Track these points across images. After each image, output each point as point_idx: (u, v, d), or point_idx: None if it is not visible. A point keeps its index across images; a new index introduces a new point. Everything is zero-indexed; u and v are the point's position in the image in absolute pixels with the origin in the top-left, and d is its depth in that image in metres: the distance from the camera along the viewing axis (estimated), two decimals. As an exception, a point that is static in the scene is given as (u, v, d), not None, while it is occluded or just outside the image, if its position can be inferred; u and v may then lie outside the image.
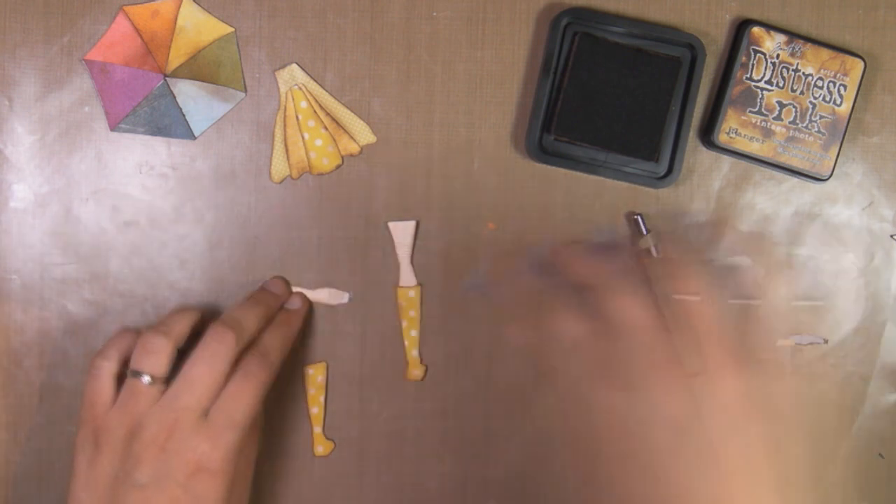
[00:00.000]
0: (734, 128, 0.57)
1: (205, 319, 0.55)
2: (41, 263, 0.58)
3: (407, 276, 0.59)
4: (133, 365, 0.51)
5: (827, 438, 0.60)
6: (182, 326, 0.53)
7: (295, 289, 0.58)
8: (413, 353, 0.59)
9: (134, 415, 0.50)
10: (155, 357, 0.51)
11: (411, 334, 0.59)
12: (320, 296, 0.58)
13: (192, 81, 0.57)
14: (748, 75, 0.57)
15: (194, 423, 0.50)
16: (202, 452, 0.50)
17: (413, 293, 0.59)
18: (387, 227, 0.58)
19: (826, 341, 0.60)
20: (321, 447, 0.59)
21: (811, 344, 0.59)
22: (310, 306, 0.58)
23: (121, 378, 0.52)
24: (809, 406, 0.60)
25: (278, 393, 0.58)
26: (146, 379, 0.51)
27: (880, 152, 0.60)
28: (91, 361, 0.53)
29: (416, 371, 0.59)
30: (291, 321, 0.56)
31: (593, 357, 0.51)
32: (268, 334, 0.54)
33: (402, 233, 0.58)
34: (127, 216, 0.58)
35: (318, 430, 0.59)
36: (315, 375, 0.59)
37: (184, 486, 0.49)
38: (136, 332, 0.54)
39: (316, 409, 0.59)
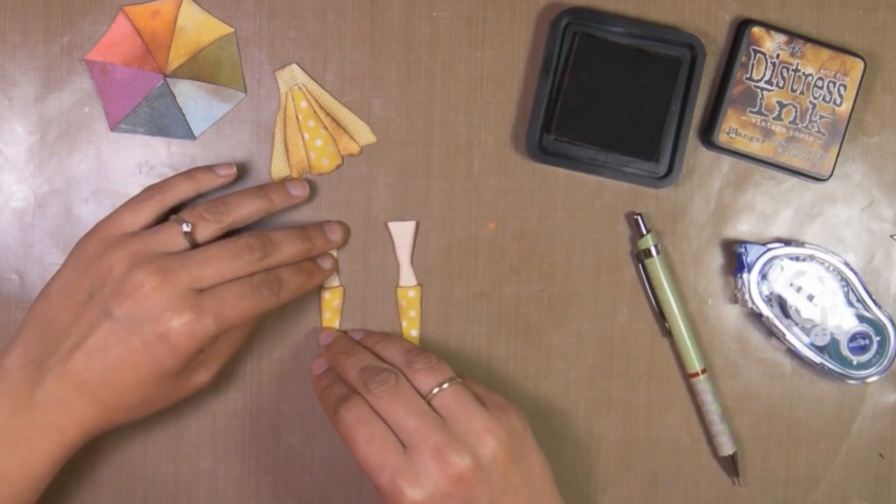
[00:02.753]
0: (734, 128, 0.57)
1: (272, 209, 0.55)
2: (41, 263, 0.58)
3: (407, 277, 0.59)
4: (186, 213, 0.52)
5: (827, 438, 0.60)
6: (245, 213, 0.54)
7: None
8: None
9: (145, 247, 0.51)
10: (208, 222, 0.52)
11: (412, 334, 0.59)
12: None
13: (192, 81, 0.57)
14: (748, 75, 0.57)
15: (184, 291, 0.50)
16: (176, 323, 0.49)
17: (413, 293, 0.59)
18: (387, 227, 0.58)
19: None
20: (328, 293, 0.59)
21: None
22: (334, 271, 0.58)
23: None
24: (809, 407, 0.60)
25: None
26: (186, 227, 0.52)
27: (880, 152, 0.60)
28: (143, 190, 0.54)
29: None
30: (314, 274, 0.56)
31: None
32: (290, 272, 0.54)
33: (402, 233, 0.58)
34: (127, 216, 0.58)
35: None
36: (332, 300, 0.58)
37: (147, 343, 0.49)
38: (196, 188, 0.55)
39: None
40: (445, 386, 0.52)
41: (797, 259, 0.58)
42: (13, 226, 0.58)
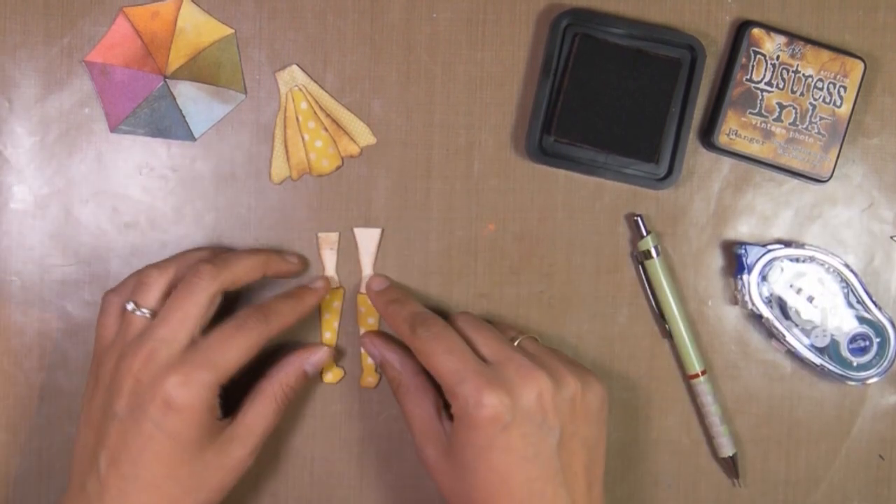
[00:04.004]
0: (734, 129, 0.57)
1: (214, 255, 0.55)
2: (41, 265, 0.58)
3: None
4: (130, 297, 0.52)
5: (827, 440, 0.60)
6: (183, 262, 0.53)
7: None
8: (368, 360, 0.59)
9: (123, 345, 0.51)
10: (149, 289, 0.52)
11: None
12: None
13: (193, 83, 0.57)
14: (748, 77, 0.57)
15: (169, 357, 0.49)
16: (171, 387, 0.48)
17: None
18: (352, 233, 0.58)
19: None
20: (330, 374, 0.59)
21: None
22: (329, 293, 0.57)
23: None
24: (809, 408, 0.60)
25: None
26: (138, 311, 0.51)
27: (880, 154, 0.59)
28: (102, 297, 0.54)
29: (369, 378, 0.59)
30: (306, 296, 0.55)
31: None
32: (276, 298, 0.54)
33: (366, 239, 0.58)
34: (127, 218, 0.58)
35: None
36: (332, 301, 0.58)
37: (156, 423, 0.49)
38: (141, 269, 0.54)
39: (329, 334, 0.59)
40: (521, 339, 0.53)
41: (797, 260, 0.58)
42: (13, 227, 0.58)
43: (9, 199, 0.58)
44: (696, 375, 0.58)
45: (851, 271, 0.58)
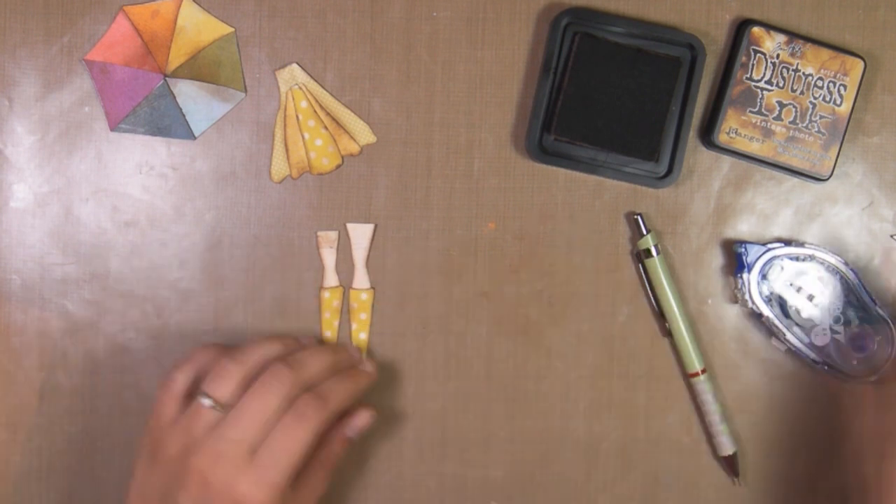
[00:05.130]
0: (734, 128, 0.57)
1: (285, 352, 0.54)
2: (41, 263, 0.58)
3: (361, 279, 0.58)
4: (202, 386, 0.51)
5: (827, 438, 0.60)
6: (258, 356, 0.53)
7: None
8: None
9: (190, 436, 0.50)
10: (222, 382, 0.51)
11: (360, 337, 0.59)
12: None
13: (192, 81, 0.57)
14: (748, 75, 0.57)
15: (240, 459, 0.50)
16: (243, 492, 0.49)
17: (366, 296, 0.58)
18: (346, 228, 0.58)
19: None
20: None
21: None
22: (376, 378, 0.57)
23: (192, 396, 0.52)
24: (809, 407, 0.60)
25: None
26: (207, 402, 0.51)
27: (880, 152, 0.59)
28: (167, 373, 0.53)
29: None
30: (359, 378, 0.56)
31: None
32: (331, 381, 0.54)
33: (359, 235, 0.58)
34: (127, 216, 0.58)
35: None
36: (331, 300, 0.58)
37: None
38: (216, 352, 0.54)
39: (329, 333, 0.59)
40: None
41: (797, 259, 0.58)
42: (13, 226, 0.58)
43: (9, 197, 0.58)
44: (697, 374, 0.58)
45: (850, 269, 0.58)
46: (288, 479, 0.50)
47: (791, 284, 0.58)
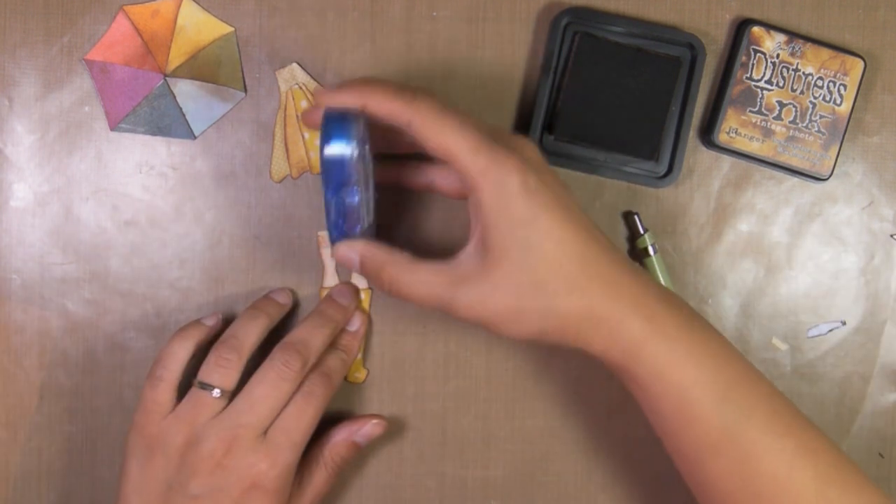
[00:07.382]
0: (734, 127, 0.58)
1: (272, 324, 0.55)
2: (41, 263, 0.58)
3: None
4: (202, 377, 0.52)
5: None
6: (253, 339, 0.53)
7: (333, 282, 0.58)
8: (358, 355, 0.59)
9: (194, 425, 0.51)
10: (225, 371, 0.52)
11: None
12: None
13: (192, 81, 0.57)
14: (748, 75, 0.57)
15: (253, 441, 0.51)
16: (259, 471, 0.50)
17: (364, 296, 0.58)
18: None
19: (844, 323, 0.60)
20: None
21: (831, 331, 0.59)
22: (368, 327, 0.58)
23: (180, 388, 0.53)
24: (809, 406, 0.60)
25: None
26: (216, 392, 0.51)
27: (880, 152, 0.60)
28: (151, 369, 0.53)
29: (357, 374, 0.59)
30: (352, 344, 0.57)
31: None
32: (330, 356, 0.55)
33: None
34: (127, 216, 0.58)
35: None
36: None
37: (237, 501, 0.50)
38: (193, 344, 0.54)
39: None
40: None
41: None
42: (13, 225, 0.58)
43: (9, 197, 0.58)
44: (697, 374, 0.58)
45: None
46: (298, 456, 0.52)
47: None
